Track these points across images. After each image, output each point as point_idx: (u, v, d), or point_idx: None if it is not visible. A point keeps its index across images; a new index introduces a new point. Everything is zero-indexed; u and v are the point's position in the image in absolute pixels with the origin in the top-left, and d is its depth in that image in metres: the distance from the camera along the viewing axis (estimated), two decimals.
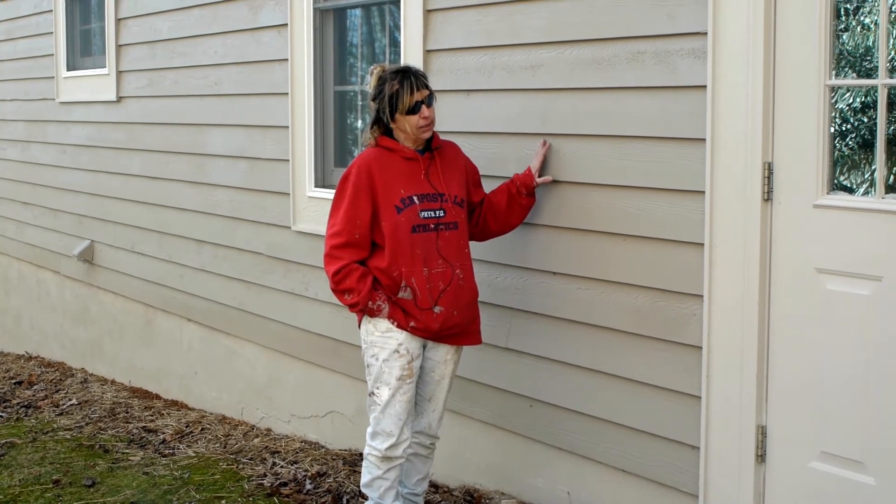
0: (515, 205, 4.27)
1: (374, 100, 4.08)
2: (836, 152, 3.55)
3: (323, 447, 5.78)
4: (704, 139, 3.69)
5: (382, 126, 4.10)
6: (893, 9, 3.37)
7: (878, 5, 3.31)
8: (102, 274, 8.14)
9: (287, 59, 5.81)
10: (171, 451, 5.90)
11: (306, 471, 5.28)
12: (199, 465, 5.54)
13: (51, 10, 8.78)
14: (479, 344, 4.28)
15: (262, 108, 6.10)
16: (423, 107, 4.00)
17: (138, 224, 7.51)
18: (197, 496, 5.05)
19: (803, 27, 3.42)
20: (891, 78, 3.33)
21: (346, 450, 5.62)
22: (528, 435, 4.57)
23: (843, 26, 3.50)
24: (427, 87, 4.04)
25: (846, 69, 3.52)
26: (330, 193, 5.40)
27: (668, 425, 3.96)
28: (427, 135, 4.05)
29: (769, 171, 3.54)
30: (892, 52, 3.41)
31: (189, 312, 7.04)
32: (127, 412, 6.87)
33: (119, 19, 7.63)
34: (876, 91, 3.36)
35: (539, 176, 4.27)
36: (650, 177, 3.92)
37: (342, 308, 5.24)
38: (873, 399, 3.34)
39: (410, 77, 4.01)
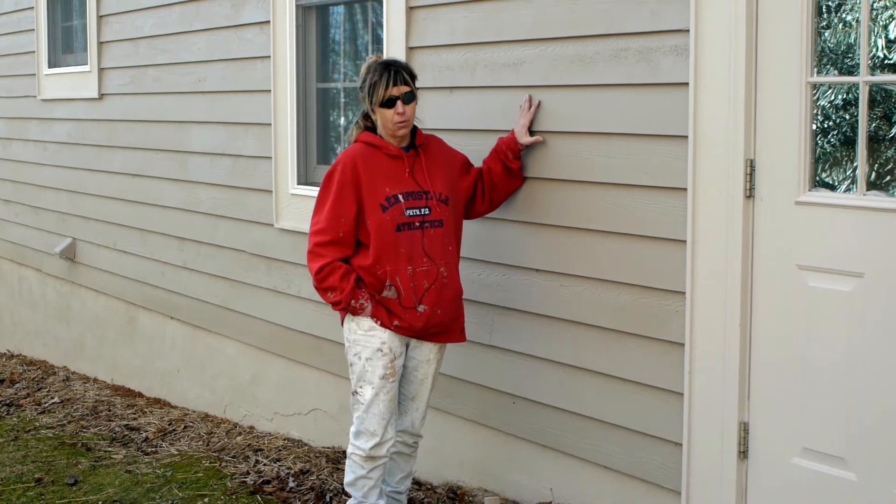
0: (511, 172, 4.26)
1: (360, 88, 4.06)
2: (818, 149, 3.56)
3: (306, 445, 5.77)
4: (687, 136, 3.70)
5: (370, 119, 4.09)
6: (875, 6, 3.39)
7: (860, 2, 3.32)
8: (84, 271, 8.10)
9: (269, 56, 5.79)
10: (153, 449, 5.88)
11: (289, 468, 5.27)
12: (181, 463, 5.52)
13: (32, 7, 8.73)
14: (463, 342, 4.27)
15: (245, 105, 6.08)
16: (399, 102, 3.96)
17: (120, 221, 7.48)
18: (180, 494, 5.03)
19: (785, 24, 3.43)
20: (872, 75, 3.35)
21: (329, 447, 5.61)
22: (511, 432, 4.57)
23: (824, 23, 3.51)
24: (408, 83, 4.00)
25: (828, 66, 3.53)
26: (312, 191, 5.41)
27: (650, 422, 3.96)
28: (402, 132, 4.02)
29: (751, 168, 3.55)
30: (874, 50, 3.42)
31: (171, 310, 7.02)
32: (109, 410, 6.84)
33: (101, 16, 7.59)
34: (857, 88, 3.37)
35: (529, 135, 4.22)
36: (633, 174, 3.92)
37: (325, 305, 5.22)
38: (855, 395, 3.36)
39: (391, 70, 3.98)
